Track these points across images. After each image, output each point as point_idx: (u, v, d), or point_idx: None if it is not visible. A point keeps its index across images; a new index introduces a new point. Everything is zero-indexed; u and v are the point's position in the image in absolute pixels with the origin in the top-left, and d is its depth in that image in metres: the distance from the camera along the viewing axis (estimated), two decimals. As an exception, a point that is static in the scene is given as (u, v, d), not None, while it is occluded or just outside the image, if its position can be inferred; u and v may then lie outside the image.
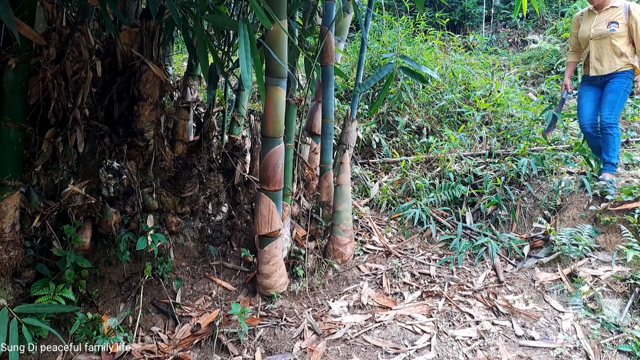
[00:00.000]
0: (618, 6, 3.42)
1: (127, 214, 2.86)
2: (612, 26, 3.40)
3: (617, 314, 2.61)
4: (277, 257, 2.93)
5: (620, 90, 3.42)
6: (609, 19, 3.43)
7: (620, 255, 3.00)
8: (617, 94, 3.42)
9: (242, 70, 2.07)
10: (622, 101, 3.44)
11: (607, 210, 3.28)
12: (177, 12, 2.54)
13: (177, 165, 3.26)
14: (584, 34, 3.58)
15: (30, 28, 2.21)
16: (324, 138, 3.46)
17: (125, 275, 2.84)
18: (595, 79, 3.56)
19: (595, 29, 3.48)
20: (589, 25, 3.53)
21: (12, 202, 2.31)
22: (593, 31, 3.49)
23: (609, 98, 3.44)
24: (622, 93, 3.42)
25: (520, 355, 2.40)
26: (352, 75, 6.08)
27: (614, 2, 3.44)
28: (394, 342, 2.54)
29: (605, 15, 3.46)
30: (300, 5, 3.41)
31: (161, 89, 2.96)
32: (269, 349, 2.54)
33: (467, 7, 10.63)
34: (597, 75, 3.52)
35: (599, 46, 3.47)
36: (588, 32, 3.54)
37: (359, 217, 4.12)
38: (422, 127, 5.63)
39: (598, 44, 3.48)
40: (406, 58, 3.41)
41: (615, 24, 3.40)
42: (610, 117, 3.40)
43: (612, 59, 3.43)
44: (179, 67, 6.72)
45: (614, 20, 3.41)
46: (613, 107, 3.41)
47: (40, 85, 2.46)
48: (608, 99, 3.45)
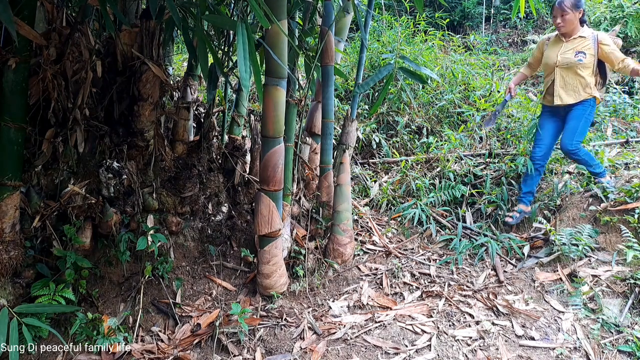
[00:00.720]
0: (586, 36, 3.35)
1: (127, 214, 2.86)
2: (579, 56, 3.33)
3: (617, 314, 2.61)
4: (277, 257, 2.94)
5: (582, 117, 3.37)
6: (577, 48, 3.36)
7: (620, 255, 3.00)
8: (578, 120, 3.37)
9: (241, 70, 2.07)
10: (584, 128, 3.39)
11: (607, 210, 3.28)
12: (177, 12, 2.54)
13: (177, 165, 3.26)
14: (550, 60, 3.48)
15: (30, 28, 2.21)
16: (324, 138, 3.46)
17: (125, 275, 2.84)
18: (558, 109, 3.51)
19: (563, 56, 3.39)
20: (556, 52, 3.44)
21: (12, 202, 2.32)
22: (560, 59, 3.41)
23: (571, 125, 3.39)
24: (584, 120, 3.37)
25: (520, 355, 2.40)
26: (352, 75, 6.08)
27: (582, 32, 3.37)
28: (394, 342, 2.54)
29: (573, 44, 3.38)
30: (300, 6, 3.41)
31: (161, 89, 2.96)
32: (269, 349, 2.54)
33: (467, 7, 10.63)
34: (561, 105, 3.46)
35: (564, 75, 3.40)
36: (554, 59, 3.44)
37: (359, 217, 4.12)
38: (422, 127, 5.63)
39: (564, 73, 3.40)
40: (405, 58, 3.41)
41: (583, 54, 3.33)
42: (571, 144, 3.37)
43: (577, 90, 3.38)
44: (179, 67, 6.72)
45: (581, 50, 3.34)
46: (574, 133, 3.36)
47: (40, 85, 2.46)
48: (570, 125, 3.40)
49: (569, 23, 3.32)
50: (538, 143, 3.62)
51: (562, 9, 3.29)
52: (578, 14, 3.30)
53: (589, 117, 3.39)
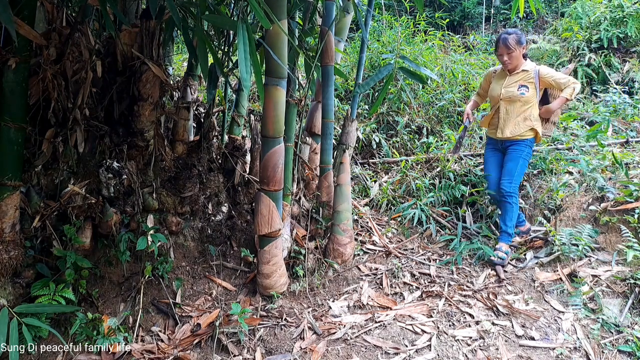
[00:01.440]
0: (529, 70, 3.36)
1: (127, 214, 2.86)
2: (522, 89, 3.34)
3: (617, 314, 2.61)
4: (277, 257, 2.94)
5: (519, 158, 3.38)
6: (520, 82, 3.36)
7: (620, 255, 3.01)
8: (515, 162, 3.38)
9: (241, 70, 2.07)
10: (521, 170, 3.40)
11: (607, 210, 3.28)
12: (177, 12, 2.54)
13: (177, 165, 3.26)
14: (495, 92, 3.50)
15: (30, 28, 2.21)
16: (324, 138, 3.46)
17: (125, 275, 2.84)
18: (497, 142, 3.53)
19: (506, 90, 3.40)
20: (500, 85, 3.45)
21: (12, 202, 2.31)
22: (504, 92, 3.41)
23: (508, 167, 3.41)
24: (521, 161, 3.38)
25: (520, 355, 2.40)
26: (352, 75, 6.08)
27: (524, 65, 3.37)
28: (394, 342, 2.54)
29: (516, 78, 3.39)
30: (300, 6, 3.41)
31: (161, 89, 2.96)
32: (269, 349, 2.54)
33: (467, 7, 10.63)
34: (501, 139, 3.46)
35: (508, 108, 3.40)
36: (499, 92, 3.45)
37: (359, 217, 4.12)
38: (422, 127, 5.63)
39: (507, 106, 3.40)
40: (405, 58, 3.41)
41: (526, 87, 3.34)
42: (509, 186, 3.36)
43: (517, 123, 3.37)
44: (179, 67, 6.72)
45: (524, 84, 3.35)
46: (512, 176, 3.37)
47: (40, 85, 2.46)
48: (507, 167, 3.41)
49: (515, 59, 3.34)
50: (488, 179, 3.66)
51: (507, 47, 3.30)
52: (522, 49, 3.33)
53: (526, 157, 3.41)
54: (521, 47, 3.32)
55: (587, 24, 7.32)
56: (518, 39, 3.30)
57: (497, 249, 3.38)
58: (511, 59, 3.33)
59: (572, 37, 7.28)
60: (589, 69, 6.81)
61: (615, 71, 6.79)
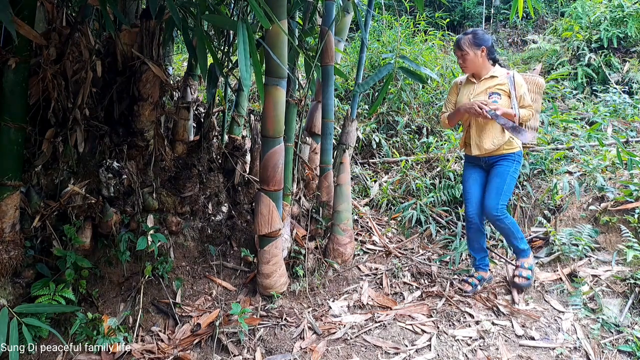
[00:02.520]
0: (498, 76, 2.87)
1: (127, 214, 2.86)
2: (493, 97, 2.83)
3: (617, 313, 2.61)
4: (277, 257, 2.94)
5: (507, 174, 2.87)
6: (490, 89, 2.85)
7: (620, 255, 3.01)
8: (503, 179, 2.88)
9: (241, 70, 2.07)
10: (509, 187, 2.90)
11: (607, 210, 3.28)
12: (177, 12, 2.54)
13: (177, 165, 3.26)
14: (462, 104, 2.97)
15: (30, 28, 2.21)
16: (324, 138, 3.46)
17: (125, 275, 2.84)
18: (478, 159, 2.99)
19: (475, 99, 2.87)
20: (467, 96, 2.93)
21: (12, 202, 2.32)
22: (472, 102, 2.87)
23: (494, 184, 2.89)
24: (508, 178, 2.88)
25: (520, 355, 2.40)
26: (352, 75, 6.08)
27: (493, 71, 2.89)
28: (394, 342, 2.54)
29: (484, 85, 2.88)
30: (300, 6, 3.41)
31: (161, 89, 2.96)
32: (269, 349, 2.54)
33: (467, 7, 10.63)
34: (480, 155, 2.94)
35: (480, 121, 2.88)
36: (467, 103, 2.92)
37: (359, 217, 4.12)
38: (422, 127, 5.63)
39: (480, 119, 2.86)
40: (405, 58, 3.42)
41: (497, 94, 2.83)
42: (497, 209, 2.85)
43: (494, 135, 2.85)
44: (179, 67, 6.73)
45: (495, 91, 2.84)
46: (499, 194, 2.86)
47: (40, 85, 2.46)
48: (493, 184, 2.90)
49: (471, 63, 2.88)
50: (468, 199, 3.06)
51: (459, 48, 2.89)
52: (480, 52, 2.84)
53: (514, 174, 2.91)
54: (479, 49, 2.84)
55: (587, 23, 7.32)
56: (474, 40, 2.85)
57: (519, 267, 2.96)
58: (465, 62, 2.89)
59: (572, 37, 7.28)
60: (589, 69, 6.81)
61: (615, 71, 6.79)
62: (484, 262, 3.08)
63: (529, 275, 2.92)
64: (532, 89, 3.01)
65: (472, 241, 3.07)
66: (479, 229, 3.01)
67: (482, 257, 3.07)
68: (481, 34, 2.89)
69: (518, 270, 2.95)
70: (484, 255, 3.07)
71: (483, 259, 3.08)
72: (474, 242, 3.07)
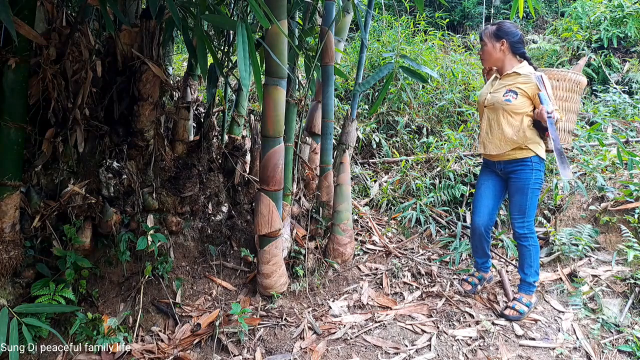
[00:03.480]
0: (522, 74, 2.61)
1: (127, 214, 2.86)
2: (508, 95, 2.60)
3: (617, 313, 2.61)
4: (277, 257, 2.94)
5: (527, 188, 2.62)
6: (509, 86, 2.63)
7: (620, 255, 3.01)
8: (524, 194, 2.63)
9: (241, 70, 2.07)
10: (532, 203, 2.66)
11: (607, 210, 3.28)
12: (177, 12, 2.54)
13: (177, 165, 3.26)
14: (481, 98, 2.81)
15: (30, 28, 2.21)
16: (324, 138, 3.46)
17: (125, 275, 2.84)
18: (493, 164, 2.79)
19: (492, 95, 2.69)
20: (488, 90, 2.76)
21: (12, 202, 2.32)
22: (489, 97, 2.70)
23: (516, 201, 2.68)
24: (530, 192, 2.62)
25: (520, 355, 2.40)
26: (352, 75, 6.08)
27: (519, 67, 2.64)
28: (394, 342, 2.54)
29: (505, 82, 2.67)
30: (300, 6, 3.41)
31: (161, 88, 2.96)
32: (269, 349, 2.54)
33: (467, 7, 10.63)
34: (493, 160, 2.77)
35: (490, 118, 2.70)
36: (484, 97, 2.75)
37: (359, 217, 4.12)
38: (422, 127, 5.63)
39: (490, 116, 2.69)
40: (406, 58, 3.41)
41: (513, 93, 2.59)
42: (523, 227, 2.67)
43: (501, 139, 2.64)
44: (179, 67, 6.73)
45: (513, 89, 2.60)
46: (524, 213, 2.66)
47: (40, 85, 2.46)
48: (515, 203, 2.69)
49: (488, 55, 2.71)
50: (477, 208, 2.87)
51: (480, 38, 2.75)
52: (500, 45, 2.65)
53: (534, 185, 2.63)
54: (498, 41, 2.65)
55: (587, 23, 7.33)
56: (495, 32, 2.67)
57: (514, 300, 2.75)
58: (483, 53, 2.75)
59: (572, 37, 7.28)
60: (589, 69, 6.81)
61: (615, 71, 6.79)
62: (486, 265, 3.03)
63: (522, 310, 2.69)
64: (572, 88, 2.76)
65: (476, 247, 2.97)
66: (483, 238, 2.88)
67: (484, 261, 3.02)
68: (506, 27, 2.67)
69: (512, 303, 2.73)
70: (486, 259, 3.01)
71: (485, 262, 3.02)
72: (477, 249, 2.97)
